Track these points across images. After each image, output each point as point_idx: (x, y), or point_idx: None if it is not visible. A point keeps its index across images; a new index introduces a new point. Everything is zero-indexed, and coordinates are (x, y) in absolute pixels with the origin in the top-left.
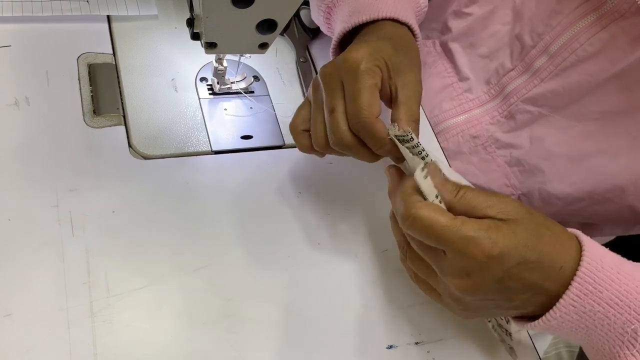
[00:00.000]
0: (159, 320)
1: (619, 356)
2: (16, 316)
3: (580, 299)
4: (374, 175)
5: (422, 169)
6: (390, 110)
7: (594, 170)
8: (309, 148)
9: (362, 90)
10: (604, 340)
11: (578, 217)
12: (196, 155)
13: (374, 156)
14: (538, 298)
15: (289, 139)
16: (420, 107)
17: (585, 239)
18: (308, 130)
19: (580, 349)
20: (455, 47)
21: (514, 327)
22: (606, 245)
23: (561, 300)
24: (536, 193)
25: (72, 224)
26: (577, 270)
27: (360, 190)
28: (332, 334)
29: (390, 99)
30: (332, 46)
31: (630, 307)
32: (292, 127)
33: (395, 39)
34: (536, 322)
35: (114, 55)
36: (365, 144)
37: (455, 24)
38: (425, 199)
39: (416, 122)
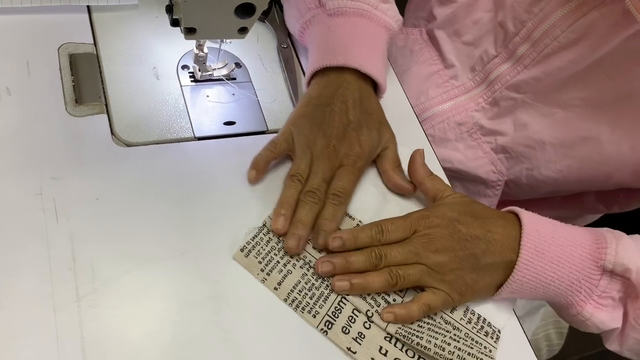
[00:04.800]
0: (146, 304)
1: (574, 303)
2: (2, 303)
3: (531, 262)
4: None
5: None
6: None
7: (580, 157)
8: None
9: None
10: (559, 293)
11: (566, 193)
12: (179, 141)
13: None
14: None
15: (272, 125)
16: (405, 95)
17: (521, 212)
18: None
19: (569, 329)
20: (440, 34)
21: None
22: (593, 224)
23: (516, 266)
24: (523, 179)
25: (56, 212)
26: (520, 239)
27: None
28: None
29: None
30: (305, 80)
31: (568, 262)
32: None
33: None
34: (501, 289)
35: (95, 45)
36: None
37: (440, 12)
38: None
39: None
